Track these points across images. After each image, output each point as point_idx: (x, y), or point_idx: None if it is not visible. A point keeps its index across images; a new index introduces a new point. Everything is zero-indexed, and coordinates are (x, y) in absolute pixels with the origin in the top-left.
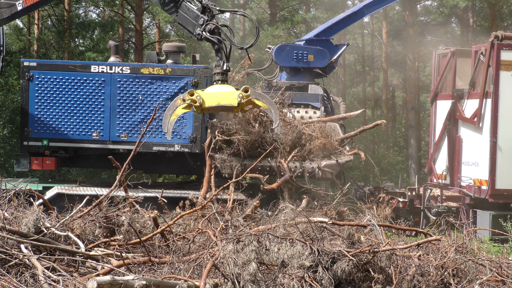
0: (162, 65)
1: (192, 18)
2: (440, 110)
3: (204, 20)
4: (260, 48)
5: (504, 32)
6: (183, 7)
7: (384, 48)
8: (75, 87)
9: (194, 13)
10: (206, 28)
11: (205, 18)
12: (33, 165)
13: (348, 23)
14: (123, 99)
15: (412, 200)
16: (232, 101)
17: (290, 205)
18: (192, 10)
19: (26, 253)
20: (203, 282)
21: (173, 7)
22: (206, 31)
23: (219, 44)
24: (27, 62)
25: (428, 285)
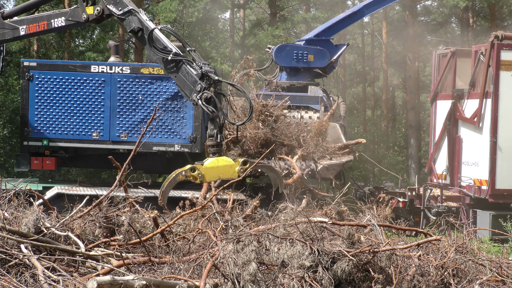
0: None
1: (190, 82)
2: (440, 110)
3: (201, 87)
4: (260, 48)
5: (504, 32)
6: (183, 69)
7: (384, 48)
8: (75, 87)
9: (193, 78)
10: (202, 96)
11: (202, 85)
12: (33, 165)
13: (348, 23)
14: (123, 99)
15: (412, 200)
16: (233, 174)
17: (290, 205)
18: (191, 74)
19: (26, 253)
20: (203, 282)
21: (173, 67)
22: (202, 99)
23: (213, 114)
24: (27, 62)
25: (428, 285)
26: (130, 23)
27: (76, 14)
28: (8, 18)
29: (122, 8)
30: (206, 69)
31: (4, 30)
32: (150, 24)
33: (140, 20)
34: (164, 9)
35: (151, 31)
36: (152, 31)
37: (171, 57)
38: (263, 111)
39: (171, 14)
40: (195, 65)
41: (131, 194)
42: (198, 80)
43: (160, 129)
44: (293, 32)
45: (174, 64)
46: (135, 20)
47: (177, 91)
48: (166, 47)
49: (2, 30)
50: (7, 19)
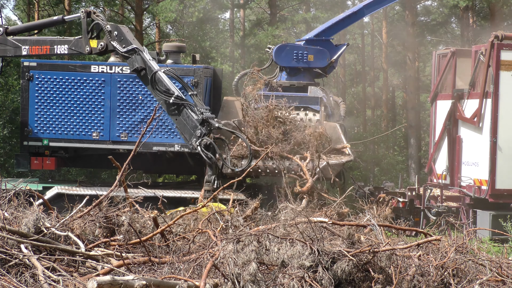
0: (162, 65)
1: (191, 127)
2: (440, 110)
3: (201, 132)
4: (260, 48)
5: (504, 32)
6: (184, 113)
7: (384, 48)
8: (75, 87)
9: (193, 123)
10: (202, 142)
11: (202, 131)
12: (33, 165)
13: (348, 23)
14: (123, 99)
15: (412, 200)
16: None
17: (290, 205)
18: (192, 119)
19: (26, 253)
20: (203, 282)
21: (175, 110)
22: (202, 145)
23: (211, 161)
24: (27, 62)
25: (428, 285)
26: (133, 62)
27: (79, 45)
28: (11, 35)
29: (126, 46)
30: (207, 115)
31: (6, 46)
32: (153, 65)
33: (144, 59)
34: (164, 9)
35: (154, 73)
36: (155, 73)
37: (173, 100)
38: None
39: (171, 14)
40: (197, 110)
41: (131, 194)
42: (198, 125)
43: (160, 129)
44: (293, 32)
45: (176, 107)
46: (138, 59)
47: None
48: (168, 90)
49: (4, 46)
50: (10, 35)
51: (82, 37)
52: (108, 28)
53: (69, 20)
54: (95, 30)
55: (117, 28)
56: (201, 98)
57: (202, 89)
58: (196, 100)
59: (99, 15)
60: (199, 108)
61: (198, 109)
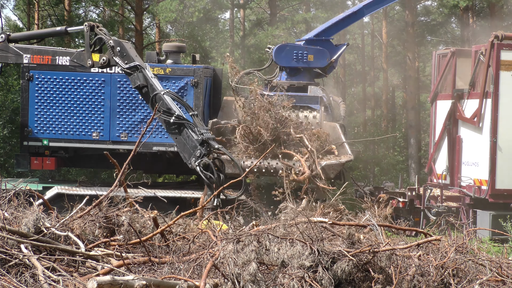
0: (162, 65)
1: (190, 147)
2: (440, 110)
3: (200, 153)
4: (260, 48)
5: (504, 32)
6: (184, 133)
7: (384, 48)
8: (75, 87)
9: (193, 143)
10: (201, 162)
11: (202, 151)
12: (33, 165)
13: (348, 23)
14: (123, 99)
15: (412, 200)
16: None
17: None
18: (191, 139)
19: (26, 253)
20: (203, 282)
21: (175, 129)
22: (201, 165)
23: (210, 181)
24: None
25: (428, 285)
26: (135, 79)
27: (81, 58)
28: (13, 42)
29: (128, 62)
30: (207, 136)
31: (8, 54)
32: (155, 83)
33: (146, 77)
34: (164, 9)
35: (155, 94)
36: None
37: (174, 120)
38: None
39: (171, 14)
40: (197, 130)
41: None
42: (198, 146)
43: (160, 129)
44: (293, 32)
45: (176, 126)
46: (140, 77)
47: (176, 91)
48: (169, 109)
49: (5, 53)
50: (12, 42)
51: (85, 50)
52: (111, 43)
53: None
54: (97, 44)
55: (120, 44)
56: (201, 98)
57: (202, 89)
58: (196, 121)
59: (102, 29)
60: (199, 129)
61: (198, 130)
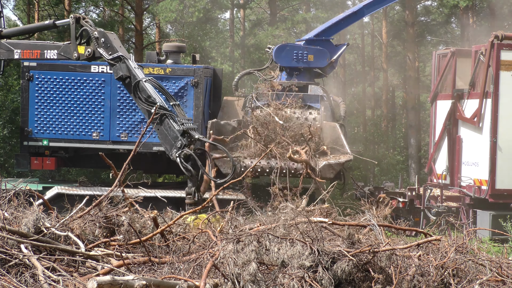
0: (162, 65)
1: (172, 137)
2: (440, 110)
3: (181, 143)
4: (260, 48)
5: (504, 32)
6: (165, 123)
7: (384, 48)
8: (75, 87)
9: (175, 133)
10: (182, 153)
11: (183, 142)
12: (33, 165)
13: (348, 23)
14: (123, 99)
15: (412, 200)
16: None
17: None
18: (173, 129)
19: (26, 253)
20: (203, 282)
21: (157, 119)
22: (181, 156)
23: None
24: (27, 62)
25: (428, 285)
26: (117, 70)
27: (68, 51)
28: (5, 38)
29: (112, 53)
30: (188, 126)
31: (0, 49)
32: (138, 73)
33: (129, 67)
34: (164, 9)
35: (138, 81)
36: (138, 82)
37: (155, 110)
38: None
39: (171, 14)
40: (178, 120)
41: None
42: (179, 136)
43: None
44: (293, 32)
45: (158, 116)
46: (123, 67)
47: (176, 91)
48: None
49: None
50: (4, 38)
51: (71, 43)
52: (96, 35)
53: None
54: (84, 36)
55: (104, 35)
56: (201, 98)
57: (202, 89)
58: (178, 111)
59: (88, 21)
60: (181, 119)
61: (179, 120)
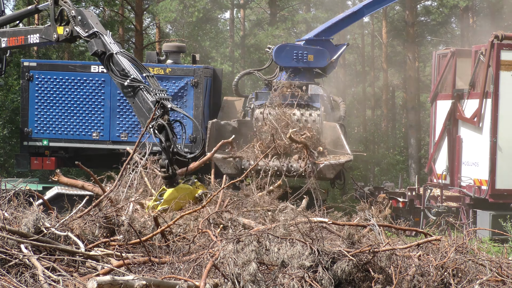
0: (162, 65)
1: (146, 109)
2: (440, 110)
3: (155, 114)
4: (260, 48)
5: (504, 32)
6: (139, 95)
7: (384, 48)
8: (75, 87)
9: (148, 105)
10: (155, 124)
11: (156, 113)
12: (33, 165)
13: (348, 23)
14: (123, 99)
15: (412, 200)
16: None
17: (290, 205)
18: (147, 101)
19: (26, 253)
20: (203, 282)
21: (130, 92)
22: (155, 127)
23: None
24: (27, 62)
25: (428, 285)
26: (92, 45)
27: (48, 33)
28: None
29: (88, 30)
30: (161, 96)
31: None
32: (112, 47)
33: (104, 43)
34: (164, 9)
35: (110, 54)
36: (112, 55)
37: (128, 83)
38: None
39: (171, 14)
40: (152, 91)
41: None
42: (153, 108)
43: None
44: (293, 32)
45: (132, 89)
46: (98, 43)
47: (176, 91)
48: (125, 71)
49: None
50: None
51: (51, 25)
52: (72, 13)
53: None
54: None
55: (80, 13)
56: (201, 98)
57: (202, 89)
58: (151, 82)
59: (66, 1)
60: (154, 89)
61: (153, 91)
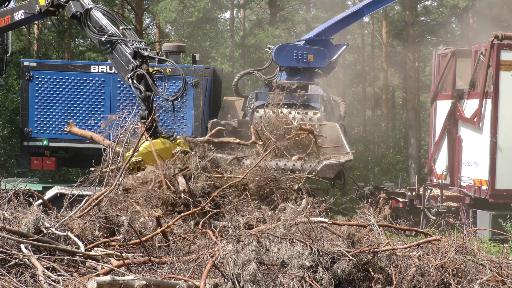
0: (162, 65)
1: (125, 62)
2: (440, 110)
3: (133, 66)
4: (260, 48)
5: (504, 32)
6: (117, 49)
7: (384, 48)
8: (75, 87)
9: (127, 57)
10: (134, 74)
11: (134, 64)
12: (33, 165)
13: (348, 23)
14: (123, 99)
15: (412, 200)
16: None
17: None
18: (125, 54)
19: (26, 253)
20: (203, 282)
21: (108, 48)
22: (134, 78)
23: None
24: (27, 62)
25: (428, 285)
26: (70, 8)
27: (31, 7)
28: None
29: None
30: (137, 46)
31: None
32: (86, 2)
33: (82, 4)
34: (164, 9)
35: (87, 10)
36: (88, 11)
37: (105, 38)
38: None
39: (171, 14)
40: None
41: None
42: (131, 59)
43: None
44: (293, 32)
45: (110, 44)
46: (76, 4)
47: (176, 91)
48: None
49: None
50: None
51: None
52: None
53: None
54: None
55: None
56: (201, 98)
57: (202, 89)
58: (128, 34)
59: None
60: (131, 41)
61: (130, 42)
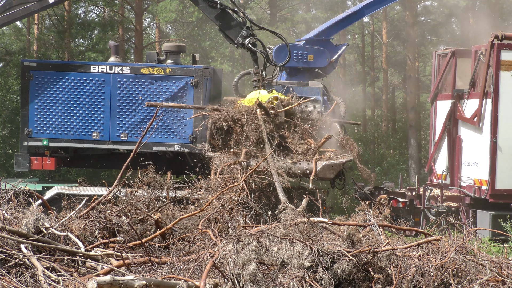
0: (162, 65)
1: (235, 26)
2: (440, 110)
3: (248, 33)
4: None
5: (504, 32)
6: (226, 13)
7: (384, 48)
8: (75, 87)
9: (237, 23)
10: (250, 40)
11: (249, 32)
12: (33, 165)
13: (348, 23)
14: (123, 99)
15: (412, 200)
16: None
17: (290, 205)
18: (234, 20)
19: (26, 253)
20: (203, 282)
21: (216, 11)
22: (249, 43)
23: (255, 57)
24: (27, 62)
25: (428, 285)
26: None
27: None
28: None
29: None
30: (251, 18)
31: None
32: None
33: None
34: (164, 9)
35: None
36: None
37: (219, 6)
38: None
39: (171, 14)
40: (241, 13)
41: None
42: (244, 26)
43: (160, 129)
44: (293, 32)
45: (221, 11)
46: None
47: (176, 91)
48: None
49: None
50: None
51: None
52: None
53: None
54: None
55: None
56: (201, 98)
57: (202, 89)
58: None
59: None
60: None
61: (243, 12)
